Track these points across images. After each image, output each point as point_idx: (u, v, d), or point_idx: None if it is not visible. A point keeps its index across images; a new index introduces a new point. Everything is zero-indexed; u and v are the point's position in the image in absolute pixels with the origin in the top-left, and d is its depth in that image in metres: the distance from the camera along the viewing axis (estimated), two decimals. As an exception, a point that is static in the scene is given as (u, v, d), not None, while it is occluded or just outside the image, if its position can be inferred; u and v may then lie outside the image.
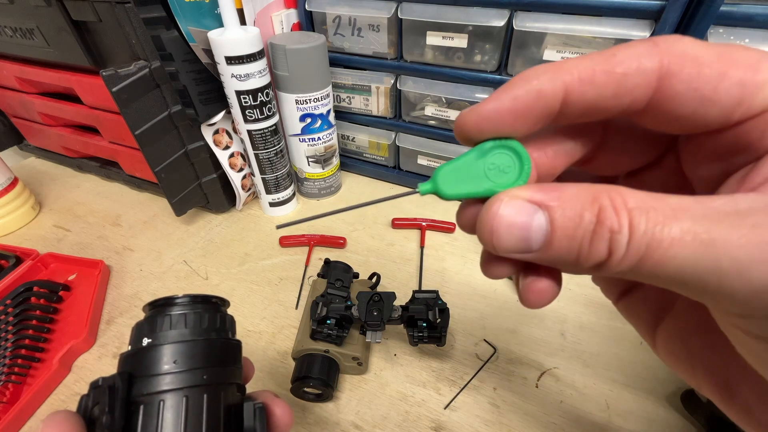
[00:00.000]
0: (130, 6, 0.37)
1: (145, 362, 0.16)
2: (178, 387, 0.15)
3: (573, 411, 0.33)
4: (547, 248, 0.12)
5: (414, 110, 0.52)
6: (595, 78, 0.12)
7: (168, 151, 0.46)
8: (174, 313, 0.17)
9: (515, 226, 0.12)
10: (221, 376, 0.16)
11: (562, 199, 0.12)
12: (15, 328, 0.39)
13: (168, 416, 0.15)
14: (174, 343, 0.16)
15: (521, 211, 0.12)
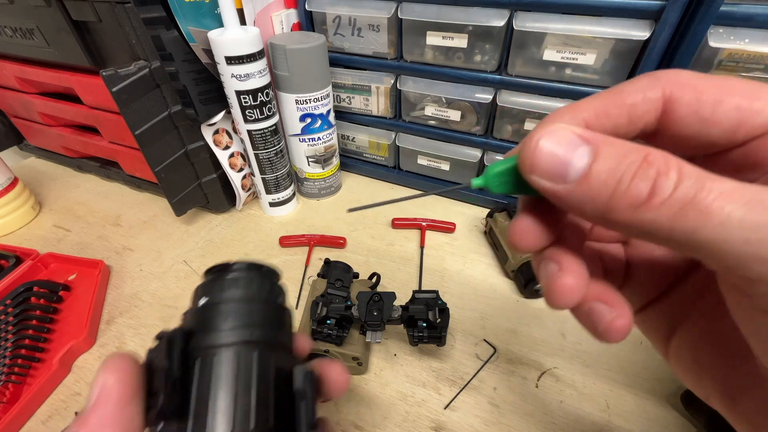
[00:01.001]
0: (130, 6, 0.37)
1: (202, 319, 0.17)
2: (231, 342, 0.16)
3: (573, 411, 0.33)
4: (583, 180, 0.12)
5: (414, 110, 0.52)
6: (609, 111, 0.14)
7: (168, 151, 0.46)
8: (230, 276, 0.18)
9: (557, 150, 0.12)
10: (272, 338, 0.17)
11: (610, 140, 0.12)
12: (15, 328, 0.39)
13: (222, 368, 0.15)
14: (229, 302, 0.17)
15: (566, 141, 0.12)
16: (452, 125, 0.51)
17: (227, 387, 0.15)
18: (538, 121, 0.45)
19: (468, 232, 0.51)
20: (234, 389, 0.15)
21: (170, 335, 0.16)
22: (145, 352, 0.16)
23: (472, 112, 0.49)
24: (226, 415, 0.14)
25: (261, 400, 0.15)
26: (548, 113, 0.43)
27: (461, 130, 0.51)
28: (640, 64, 0.37)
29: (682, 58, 0.35)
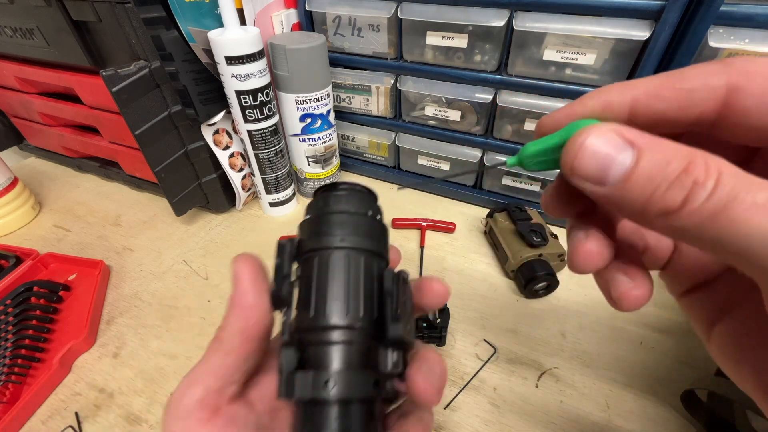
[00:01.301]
0: (130, 6, 0.37)
1: (315, 227, 0.19)
2: (344, 246, 0.18)
3: (573, 411, 0.33)
4: (621, 185, 0.12)
5: (414, 110, 0.52)
6: (662, 92, 0.13)
7: (168, 151, 0.46)
8: (340, 194, 0.20)
9: (600, 154, 0.12)
10: (374, 246, 0.19)
11: (655, 144, 0.12)
12: (15, 328, 0.39)
13: (337, 266, 0.18)
14: (342, 214, 0.19)
15: (610, 143, 0.12)
16: (452, 125, 0.51)
17: (341, 281, 0.18)
18: (537, 121, 0.45)
19: (468, 232, 0.51)
20: (346, 284, 0.18)
21: (282, 242, 0.19)
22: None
23: (472, 112, 0.49)
24: (340, 303, 0.17)
25: (367, 294, 0.18)
26: (548, 113, 0.43)
27: (461, 130, 0.51)
28: (640, 64, 0.37)
29: (682, 58, 0.35)
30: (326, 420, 0.16)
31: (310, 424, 0.16)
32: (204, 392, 0.17)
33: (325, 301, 0.17)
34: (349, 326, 0.17)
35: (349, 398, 0.16)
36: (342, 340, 0.17)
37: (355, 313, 0.17)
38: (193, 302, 0.43)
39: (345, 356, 0.17)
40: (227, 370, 0.17)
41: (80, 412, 0.34)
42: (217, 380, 0.17)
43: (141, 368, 0.37)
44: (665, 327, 0.39)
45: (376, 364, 0.18)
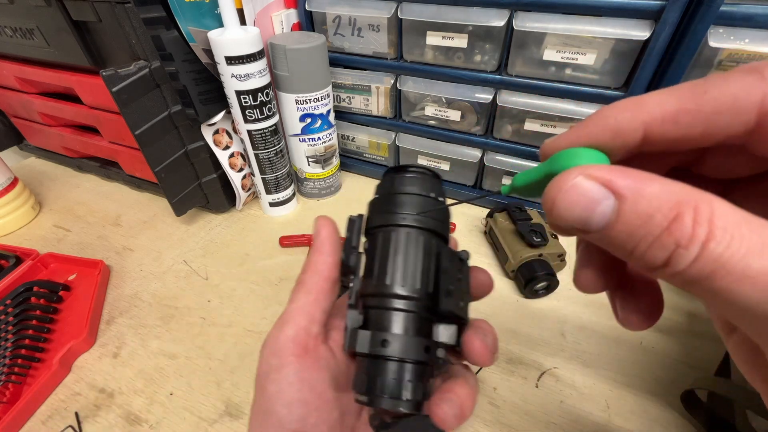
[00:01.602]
0: (130, 6, 0.37)
1: (382, 206, 0.21)
2: (408, 224, 0.20)
3: (573, 411, 0.33)
4: (604, 234, 0.12)
5: (414, 110, 0.52)
6: (679, 118, 0.12)
7: (168, 151, 0.46)
8: (409, 175, 0.22)
9: (579, 203, 0.12)
10: (436, 227, 0.21)
11: (639, 193, 0.11)
12: (15, 328, 0.39)
13: (399, 242, 0.20)
14: (409, 194, 0.21)
15: (590, 192, 0.12)
16: (452, 125, 0.51)
17: (402, 256, 0.20)
18: (538, 121, 0.45)
19: (468, 232, 0.51)
20: (406, 258, 0.20)
21: (352, 218, 0.22)
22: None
23: (472, 112, 0.49)
24: (400, 275, 0.19)
25: (425, 270, 0.20)
26: (548, 113, 0.43)
27: (461, 130, 0.51)
28: (640, 64, 0.37)
29: (682, 58, 0.35)
30: (380, 373, 0.18)
31: (366, 375, 0.19)
32: (295, 330, 0.19)
33: (387, 272, 0.20)
34: (406, 296, 0.19)
35: (402, 358, 0.18)
36: (399, 307, 0.19)
37: (412, 284, 0.19)
38: (193, 302, 0.43)
39: (400, 321, 0.19)
40: (311, 307, 0.20)
41: (80, 412, 0.34)
42: (305, 317, 0.20)
43: (141, 368, 0.37)
44: (665, 327, 0.39)
45: (429, 332, 0.20)
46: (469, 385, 0.20)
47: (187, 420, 0.33)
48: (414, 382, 0.19)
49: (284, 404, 0.18)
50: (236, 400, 0.34)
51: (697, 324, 0.39)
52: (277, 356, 0.19)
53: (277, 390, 0.18)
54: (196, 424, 0.33)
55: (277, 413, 0.18)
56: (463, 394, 0.20)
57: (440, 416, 0.19)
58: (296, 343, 0.19)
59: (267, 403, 0.18)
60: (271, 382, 0.18)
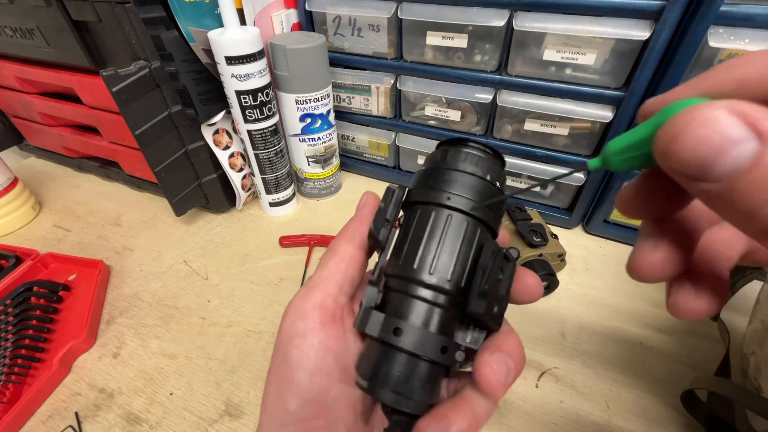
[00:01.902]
0: (130, 6, 0.37)
1: (427, 180, 0.19)
2: (451, 206, 0.18)
3: (573, 411, 0.33)
4: (727, 184, 0.09)
5: (414, 110, 0.52)
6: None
7: (168, 151, 0.46)
8: (467, 150, 0.19)
9: (709, 142, 0.09)
10: (484, 216, 0.18)
11: None
12: (15, 328, 0.39)
13: (437, 225, 0.18)
14: (461, 173, 0.18)
15: (729, 129, 0.09)
16: (452, 125, 0.51)
17: (438, 240, 0.18)
18: (538, 121, 0.45)
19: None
20: (442, 244, 0.17)
21: (391, 187, 0.19)
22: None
23: (472, 112, 0.49)
24: (430, 261, 0.17)
25: (460, 262, 0.17)
26: (548, 113, 0.43)
27: (461, 130, 0.51)
28: (640, 64, 0.37)
29: (682, 58, 0.35)
30: (387, 362, 0.17)
31: (372, 361, 0.17)
32: (323, 296, 0.18)
33: (416, 255, 0.17)
34: (433, 286, 0.17)
35: (413, 352, 0.17)
36: (422, 296, 0.17)
37: (442, 275, 0.17)
38: (192, 302, 0.43)
39: (421, 312, 0.17)
40: (341, 276, 0.19)
41: (80, 412, 0.34)
42: (334, 285, 0.19)
43: (141, 368, 0.37)
44: (665, 327, 0.39)
45: (450, 331, 0.18)
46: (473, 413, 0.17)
47: (187, 420, 0.33)
48: (422, 381, 0.17)
49: (306, 372, 0.17)
50: (236, 400, 0.34)
51: (697, 324, 0.39)
52: (303, 320, 0.18)
53: (300, 356, 0.17)
54: (196, 424, 0.33)
55: (298, 381, 0.17)
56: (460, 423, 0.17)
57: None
58: (323, 310, 0.18)
59: (288, 369, 0.17)
60: (294, 347, 0.17)
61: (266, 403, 0.18)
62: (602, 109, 0.41)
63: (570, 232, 0.51)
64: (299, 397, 0.17)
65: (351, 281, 0.20)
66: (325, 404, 0.17)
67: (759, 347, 0.28)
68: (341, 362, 0.18)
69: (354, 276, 0.20)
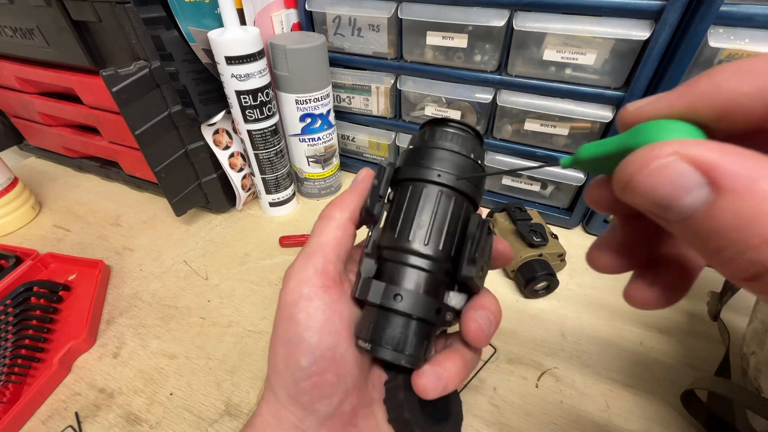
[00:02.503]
0: (130, 6, 0.37)
1: (416, 158, 0.20)
2: (440, 182, 0.20)
3: (573, 411, 0.33)
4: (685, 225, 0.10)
5: (414, 110, 0.52)
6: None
7: (168, 151, 0.46)
8: (450, 130, 0.21)
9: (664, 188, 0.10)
10: (468, 190, 0.20)
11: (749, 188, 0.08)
12: (15, 328, 0.39)
13: (428, 200, 0.19)
14: (446, 150, 0.20)
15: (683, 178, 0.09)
16: (452, 125, 0.51)
17: (429, 214, 0.19)
18: (538, 121, 0.45)
19: (468, 232, 0.51)
20: (433, 217, 0.19)
21: (382, 164, 0.21)
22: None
23: (472, 112, 0.49)
24: (423, 232, 0.19)
25: (450, 233, 0.19)
26: (548, 113, 0.43)
27: (461, 130, 0.51)
28: (640, 64, 0.37)
29: (682, 58, 0.35)
30: (388, 325, 0.19)
31: (373, 324, 0.19)
32: (324, 263, 0.19)
33: (410, 227, 0.19)
34: (427, 255, 0.19)
35: (411, 314, 0.19)
36: (417, 264, 0.19)
37: (434, 245, 0.19)
38: (193, 302, 0.43)
39: (417, 279, 0.19)
40: (337, 243, 0.20)
41: (80, 412, 0.34)
42: (332, 252, 0.20)
43: (141, 368, 0.37)
44: (665, 327, 0.39)
45: (441, 295, 0.20)
46: (464, 361, 0.20)
47: (187, 420, 0.33)
48: (419, 339, 0.19)
49: (315, 331, 0.18)
50: (236, 400, 0.34)
51: (697, 324, 0.39)
52: (306, 285, 0.19)
53: (307, 317, 0.18)
54: (196, 424, 0.33)
55: (308, 340, 0.18)
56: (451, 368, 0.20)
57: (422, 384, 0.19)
58: (325, 275, 0.19)
59: (296, 329, 0.18)
60: (301, 310, 0.18)
61: (276, 364, 0.19)
62: (602, 109, 0.41)
63: (570, 232, 0.51)
64: (311, 354, 0.18)
65: (346, 249, 0.21)
66: (335, 360, 0.18)
67: (759, 347, 0.28)
68: (345, 321, 0.19)
69: (347, 244, 0.21)
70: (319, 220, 0.21)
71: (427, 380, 0.19)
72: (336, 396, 0.19)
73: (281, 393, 0.19)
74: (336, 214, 0.21)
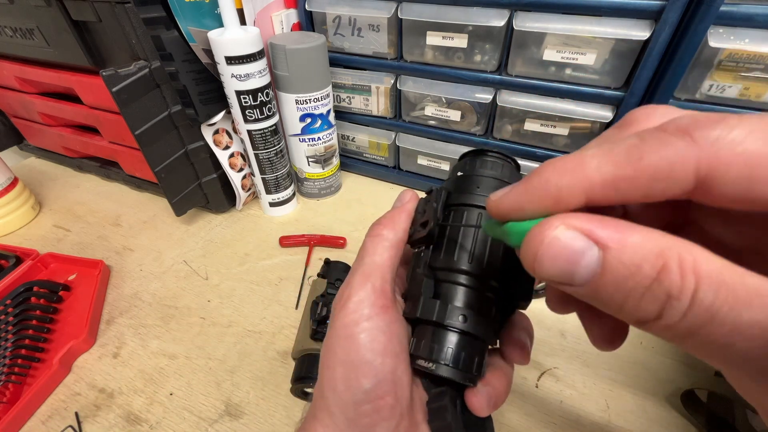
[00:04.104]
0: (130, 6, 0.37)
1: (465, 185, 0.22)
2: (474, 204, 0.21)
3: (573, 411, 0.33)
4: (590, 287, 0.11)
5: (414, 110, 0.52)
6: (619, 185, 0.11)
7: (168, 151, 0.46)
8: (488, 159, 0.23)
9: (562, 256, 0.11)
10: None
11: (623, 243, 0.10)
12: (15, 328, 0.39)
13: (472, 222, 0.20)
14: (486, 177, 0.22)
15: (573, 242, 0.11)
16: (452, 125, 0.51)
17: (472, 236, 0.20)
18: (538, 121, 0.45)
19: (468, 232, 0.51)
20: (476, 239, 0.20)
21: (440, 189, 0.22)
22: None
23: (472, 112, 0.49)
24: (467, 253, 0.20)
25: (493, 255, 0.20)
26: (548, 113, 0.43)
27: (461, 130, 0.51)
28: (640, 64, 0.37)
29: (682, 59, 0.35)
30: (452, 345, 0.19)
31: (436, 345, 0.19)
32: (381, 282, 0.19)
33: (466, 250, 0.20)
34: (481, 276, 0.20)
35: (475, 335, 0.19)
36: (473, 285, 0.20)
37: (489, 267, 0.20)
38: (193, 302, 0.43)
39: (475, 299, 0.20)
40: (391, 263, 0.20)
41: (80, 412, 0.34)
42: (388, 272, 0.20)
43: (141, 368, 0.37)
44: (665, 327, 0.39)
45: (492, 314, 0.21)
46: (506, 377, 0.22)
47: (187, 420, 0.33)
48: (480, 359, 0.20)
49: (378, 353, 0.18)
50: (236, 400, 0.34)
51: (697, 324, 0.39)
52: (367, 305, 0.19)
53: (370, 339, 0.18)
54: (196, 424, 0.33)
55: (370, 362, 0.18)
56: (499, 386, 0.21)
57: (478, 402, 0.20)
58: (384, 295, 0.19)
59: (358, 350, 0.18)
60: (363, 331, 0.18)
61: (335, 385, 0.18)
62: (602, 109, 0.41)
63: (570, 232, 0.51)
64: (373, 377, 0.18)
65: (396, 268, 0.21)
66: (394, 383, 0.18)
67: (759, 347, 0.28)
68: (402, 343, 0.19)
69: (397, 264, 0.21)
70: (370, 239, 0.21)
71: (481, 398, 0.20)
72: (394, 419, 0.18)
73: (339, 415, 0.18)
74: (388, 234, 0.21)
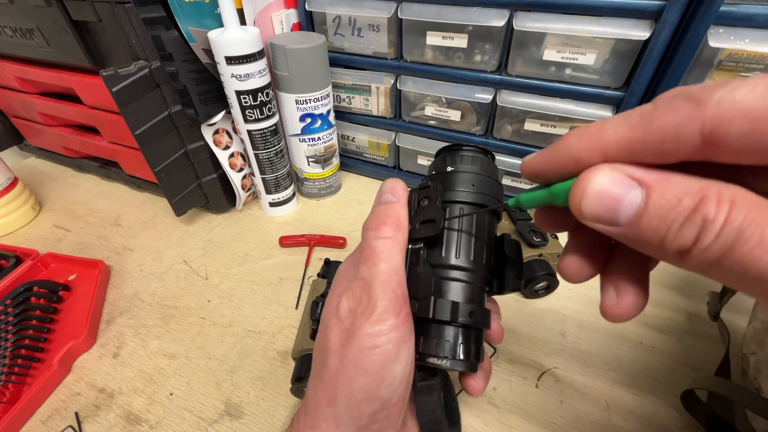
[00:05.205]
0: (130, 6, 0.37)
1: (451, 181, 0.22)
2: (473, 202, 0.21)
3: (573, 411, 0.33)
4: (634, 225, 0.12)
5: (414, 110, 0.52)
6: (633, 146, 0.12)
7: (168, 151, 0.46)
8: (470, 154, 0.23)
9: (608, 195, 0.12)
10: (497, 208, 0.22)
11: (665, 182, 0.12)
12: (15, 328, 0.39)
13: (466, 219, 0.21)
14: (472, 173, 0.22)
15: (618, 183, 0.12)
16: (452, 125, 0.51)
17: (469, 232, 0.21)
18: (538, 121, 0.45)
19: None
20: (473, 235, 0.21)
21: (436, 186, 0.21)
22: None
23: (472, 112, 0.49)
24: (467, 249, 0.21)
25: (489, 247, 0.21)
26: (548, 113, 0.43)
27: (461, 130, 0.51)
28: (640, 64, 0.37)
29: (682, 58, 0.35)
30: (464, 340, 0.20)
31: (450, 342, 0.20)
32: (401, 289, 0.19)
33: (452, 246, 0.21)
34: (474, 270, 0.21)
35: (480, 327, 0.21)
36: (468, 280, 0.21)
37: (478, 261, 0.21)
38: (192, 302, 0.43)
39: (475, 293, 0.21)
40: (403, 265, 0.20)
41: (80, 412, 0.34)
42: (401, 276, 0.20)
43: (141, 368, 0.37)
44: (665, 327, 0.39)
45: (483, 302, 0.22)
46: (488, 360, 0.23)
47: (187, 420, 0.33)
48: (480, 347, 0.21)
49: (401, 363, 0.18)
50: (236, 400, 0.34)
51: (697, 324, 0.39)
52: (392, 314, 0.18)
53: (396, 350, 0.18)
54: (196, 424, 0.33)
55: (393, 371, 0.18)
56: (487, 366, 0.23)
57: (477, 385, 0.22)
58: (404, 301, 0.19)
59: (380, 361, 0.18)
60: (390, 341, 0.18)
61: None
62: (602, 109, 0.41)
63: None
64: (393, 387, 0.18)
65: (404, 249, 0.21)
66: (407, 389, 0.19)
67: (759, 347, 0.28)
68: (413, 345, 0.20)
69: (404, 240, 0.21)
70: (380, 241, 0.20)
71: (481, 382, 0.21)
72: (399, 421, 0.19)
73: (349, 425, 0.18)
74: (397, 235, 0.20)
